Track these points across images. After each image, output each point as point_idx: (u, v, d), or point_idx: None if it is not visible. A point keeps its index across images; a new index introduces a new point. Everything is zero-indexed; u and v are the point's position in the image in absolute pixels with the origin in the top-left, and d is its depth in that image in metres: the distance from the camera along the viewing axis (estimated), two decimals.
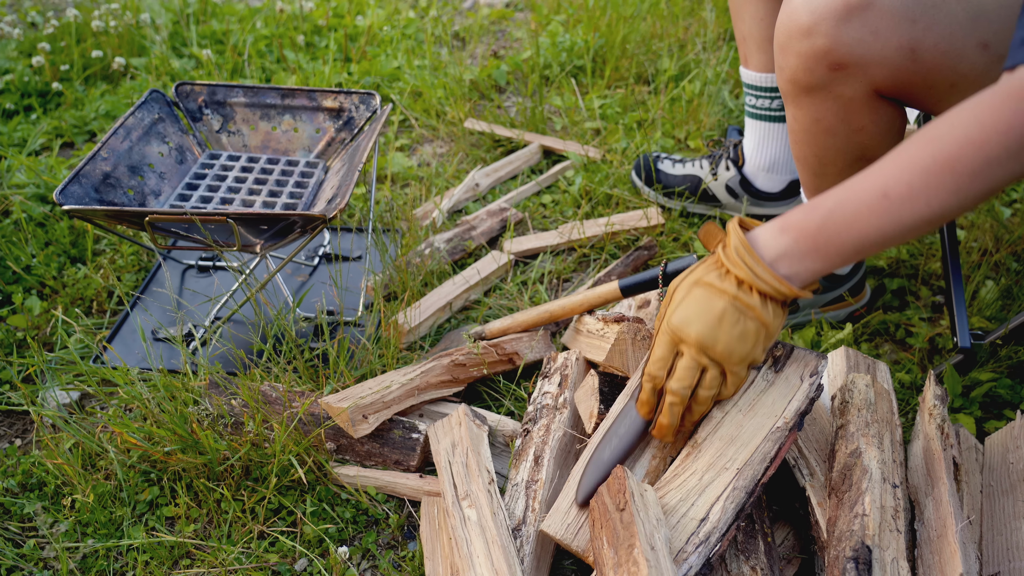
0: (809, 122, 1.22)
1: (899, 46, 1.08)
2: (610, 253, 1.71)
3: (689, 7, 2.73)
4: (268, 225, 1.31)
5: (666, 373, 0.99)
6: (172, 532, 1.17)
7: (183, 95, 1.63)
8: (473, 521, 1.03)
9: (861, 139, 1.21)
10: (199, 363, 1.30)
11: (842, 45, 1.09)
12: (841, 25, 1.08)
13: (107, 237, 1.75)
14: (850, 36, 1.08)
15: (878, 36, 1.08)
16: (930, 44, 1.08)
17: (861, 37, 1.08)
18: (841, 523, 0.98)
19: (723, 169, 1.75)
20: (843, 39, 1.09)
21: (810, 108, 1.20)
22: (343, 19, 2.74)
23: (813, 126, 1.22)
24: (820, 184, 1.33)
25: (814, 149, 1.26)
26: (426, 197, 1.89)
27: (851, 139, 1.21)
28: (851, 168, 1.24)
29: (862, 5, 1.07)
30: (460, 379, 1.33)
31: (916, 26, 1.07)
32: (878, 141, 1.21)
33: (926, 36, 1.07)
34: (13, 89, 2.28)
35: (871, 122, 1.18)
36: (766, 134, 1.68)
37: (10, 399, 1.38)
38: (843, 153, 1.24)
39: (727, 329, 0.94)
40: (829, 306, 1.50)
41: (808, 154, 1.28)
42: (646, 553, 0.85)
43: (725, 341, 0.94)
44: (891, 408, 1.14)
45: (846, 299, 1.50)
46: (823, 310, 1.50)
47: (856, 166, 1.23)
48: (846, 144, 1.22)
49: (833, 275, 1.43)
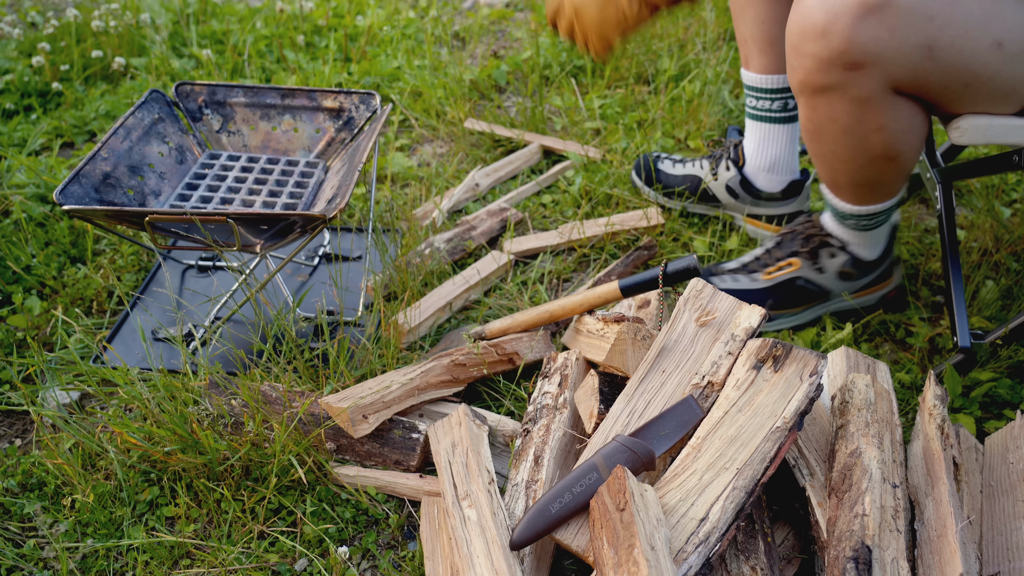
0: (824, 121, 1.20)
1: (916, 43, 1.07)
2: (610, 253, 1.71)
3: (689, 7, 2.73)
4: (268, 225, 1.31)
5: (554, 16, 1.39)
6: (172, 532, 1.17)
7: (183, 95, 1.63)
8: (473, 521, 1.03)
9: (880, 137, 1.18)
10: (199, 363, 1.30)
11: (858, 44, 1.07)
12: (858, 24, 1.06)
13: (107, 237, 1.75)
14: (866, 35, 1.06)
15: (895, 34, 1.06)
16: (946, 42, 1.07)
17: (878, 35, 1.06)
18: (841, 523, 0.98)
19: (723, 169, 1.75)
20: (859, 38, 1.07)
21: (825, 108, 1.18)
22: (343, 19, 2.74)
23: (829, 125, 1.20)
24: (836, 180, 1.31)
25: (831, 147, 1.24)
26: (426, 197, 1.89)
27: (869, 138, 1.19)
28: (871, 165, 1.23)
29: (880, 3, 1.05)
30: (460, 379, 1.33)
31: (933, 23, 1.06)
32: (898, 139, 1.19)
33: (943, 33, 1.06)
34: (13, 89, 2.28)
35: (890, 119, 1.16)
36: (767, 135, 1.68)
37: (10, 399, 1.38)
38: (861, 151, 1.21)
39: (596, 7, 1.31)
40: (861, 292, 1.50)
41: (825, 151, 1.26)
42: (646, 553, 0.85)
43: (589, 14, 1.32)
44: (891, 408, 1.14)
45: (877, 285, 1.50)
46: (855, 296, 1.50)
47: (876, 164, 1.22)
48: (863, 143, 1.20)
49: (862, 261, 1.43)
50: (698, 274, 1.27)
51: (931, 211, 1.83)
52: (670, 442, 1.05)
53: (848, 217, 1.38)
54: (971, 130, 1.17)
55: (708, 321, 1.19)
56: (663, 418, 1.07)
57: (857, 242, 1.42)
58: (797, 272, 1.46)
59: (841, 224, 1.40)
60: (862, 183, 1.30)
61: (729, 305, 1.21)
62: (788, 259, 1.46)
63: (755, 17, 1.55)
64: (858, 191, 1.32)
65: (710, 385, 1.10)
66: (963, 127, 1.17)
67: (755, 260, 1.51)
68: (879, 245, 1.44)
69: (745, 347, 1.12)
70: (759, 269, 1.49)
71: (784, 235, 1.50)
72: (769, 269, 1.47)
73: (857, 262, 1.44)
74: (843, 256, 1.43)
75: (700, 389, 1.10)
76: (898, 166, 1.24)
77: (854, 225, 1.38)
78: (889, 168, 1.24)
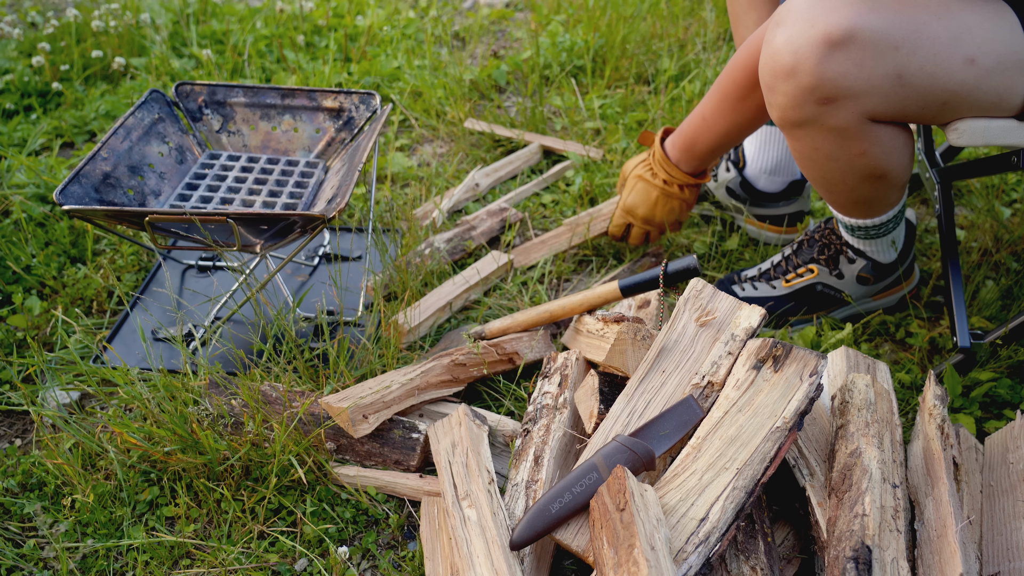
0: (808, 150, 1.23)
1: (885, 74, 1.08)
2: (610, 254, 1.71)
3: (689, 7, 2.73)
4: (268, 225, 1.31)
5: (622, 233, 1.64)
6: (172, 532, 1.17)
7: (183, 95, 1.63)
8: (473, 521, 1.03)
9: (865, 161, 1.20)
10: (199, 363, 1.30)
11: (827, 81, 1.09)
12: (824, 62, 1.08)
13: (107, 237, 1.75)
14: (834, 71, 1.08)
15: (863, 67, 1.08)
16: (916, 67, 1.08)
17: (845, 71, 1.08)
18: (841, 523, 0.98)
19: (723, 171, 1.75)
20: (827, 75, 1.09)
21: (807, 139, 1.20)
22: (343, 19, 2.74)
23: (813, 153, 1.22)
24: (834, 199, 1.34)
25: (820, 172, 1.26)
26: (426, 197, 1.89)
27: (854, 162, 1.21)
28: (863, 185, 1.25)
29: (843, 39, 1.07)
30: (460, 379, 1.33)
31: (899, 52, 1.08)
32: (883, 160, 1.20)
33: (911, 60, 1.08)
34: (13, 89, 2.28)
35: (871, 144, 1.18)
36: (768, 138, 1.68)
37: (10, 399, 1.38)
38: (850, 173, 1.24)
39: (660, 208, 1.58)
40: (883, 293, 1.51)
41: (815, 176, 1.28)
42: (646, 553, 0.85)
43: (660, 215, 1.59)
44: (891, 408, 1.14)
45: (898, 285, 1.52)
46: (876, 298, 1.51)
47: (867, 183, 1.25)
48: (850, 167, 1.22)
49: (881, 265, 1.45)
50: (698, 274, 1.27)
51: (931, 211, 1.83)
52: (670, 442, 1.05)
53: (856, 229, 1.39)
54: (969, 132, 1.17)
55: (708, 321, 1.19)
56: (663, 418, 1.07)
57: (872, 248, 1.43)
58: (816, 279, 1.47)
59: (851, 235, 1.42)
60: (859, 200, 1.32)
61: (729, 305, 1.21)
62: (807, 266, 1.47)
63: (757, 21, 1.55)
64: (857, 207, 1.34)
65: (710, 385, 1.11)
66: (961, 129, 1.17)
67: (774, 267, 1.52)
68: (895, 248, 1.45)
69: (745, 347, 1.12)
70: (779, 276, 1.51)
71: (802, 241, 1.51)
72: (788, 276, 1.49)
73: (876, 266, 1.45)
74: (862, 262, 1.44)
75: (700, 389, 1.10)
76: (889, 182, 1.26)
77: (863, 235, 1.40)
78: (880, 185, 1.26)
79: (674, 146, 1.53)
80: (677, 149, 1.53)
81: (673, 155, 1.53)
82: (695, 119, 1.46)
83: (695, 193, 1.58)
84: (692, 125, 1.47)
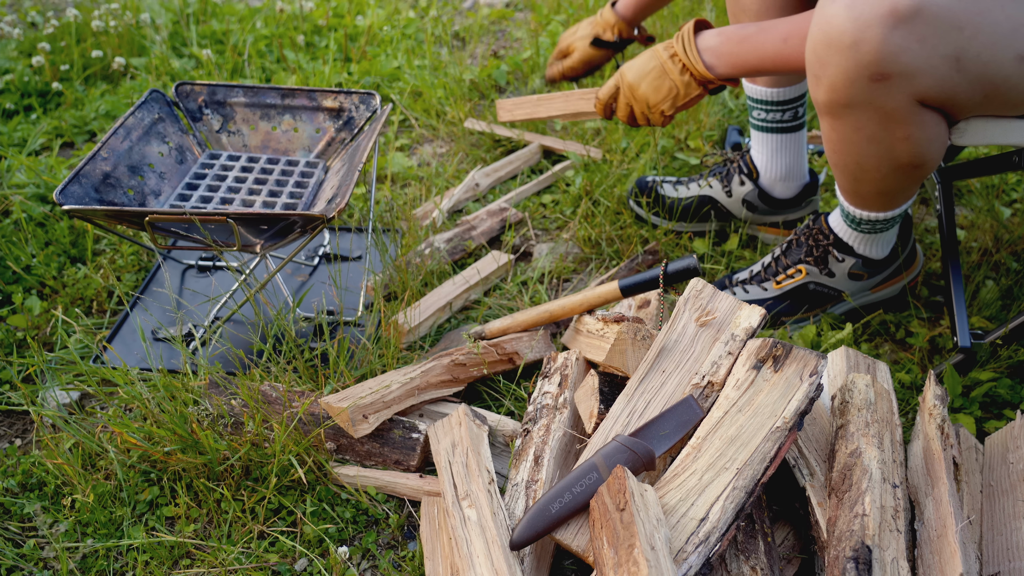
0: (849, 131, 1.18)
1: (945, 55, 1.05)
2: (610, 255, 1.71)
3: (689, 7, 2.72)
4: (268, 225, 1.31)
5: (610, 100, 1.50)
6: (172, 532, 1.17)
7: (183, 95, 1.63)
8: (473, 521, 1.03)
9: (907, 147, 1.16)
10: (199, 363, 1.30)
11: (888, 55, 1.04)
12: (889, 34, 1.03)
13: (107, 237, 1.75)
14: (897, 45, 1.04)
15: (925, 44, 1.04)
16: (973, 53, 1.05)
17: (908, 46, 1.04)
18: (841, 523, 0.98)
19: (736, 184, 1.70)
20: (890, 48, 1.04)
21: (850, 119, 1.15)
22: (343, 19, 2.74)
23: (854, 135, 1.18)
24: (858, 188, 1.30)
25: (855, 157, 1.22)
26: (426, 197, 1.89)
27: (895, 147, 1.17)
28: (894, 174, 1.21)
29: (909, 13, 1.02)
30: (460, 379, 1.33)
31: (962, 34, 1.04)
32: (925, 147, 1.16)
33: (971, 44, 1.05)
34: (13, 89, 2.28)
35: (917, 128, 1.14)
36: (780, 145, 1.64)
37: (10, 399, 1.38)
38: (887, 160, 1.19)
39: (649, 81, 1.41)
40: (881, 285, 1.50)
41: (848, 162, 1.24)
42: (646, 553, 0.85)
43: (646, 88, 1.41)
44: (891, 408, 1.14)
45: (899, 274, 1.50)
46: (875, 290, 1.50)
47: (899, 172, 1.21)
48: (888, 152, 1.18)
49: (872, 260, 1.44)
50: (698, 274, 1.26)
51: (931, 211, 1.83)
52: (670, 442, 1.05)
53: (863, 223, 1.37)
54: (970, 131, 1.17)
55: (708, 321, 1.19)
56: (663, 418, 1.07)
57: (866, 244, 1.42)
58: (807, 279, 1.47)
59: (854, 229, 1.40)
60: (885, 191, 1.28)
61: (729, 305, 1.21)
62: (796, 267, 1.47)
63: None
64: (880, 199, 1.31)
65: (710, 385, 1.10)
66: (962, 128, 1.16)
67: (764, 269, 1.51)
68: (889, 244, 1.44)
69: (745, 347, 1.12)
70: (769, 278, 1.50)
71: (790, 242, 1.49)
72: (779, 278, 1.48)
73: (867, 262, 1.44)
74: (851, 259, 1.43)
75: (700, 389, 1.10)
76: (922, 172, 1.22)
77: (869, 229, 1.38)
78: (914, 175, 1.22)
79: (721, 34, 1.34)
80: (722, 39, 1.34)
81: (707, 41, 1.35)
82: (771, 32, 1.27)
83: (695, 91, 1.39)
84: (762, 33, 1.28)
